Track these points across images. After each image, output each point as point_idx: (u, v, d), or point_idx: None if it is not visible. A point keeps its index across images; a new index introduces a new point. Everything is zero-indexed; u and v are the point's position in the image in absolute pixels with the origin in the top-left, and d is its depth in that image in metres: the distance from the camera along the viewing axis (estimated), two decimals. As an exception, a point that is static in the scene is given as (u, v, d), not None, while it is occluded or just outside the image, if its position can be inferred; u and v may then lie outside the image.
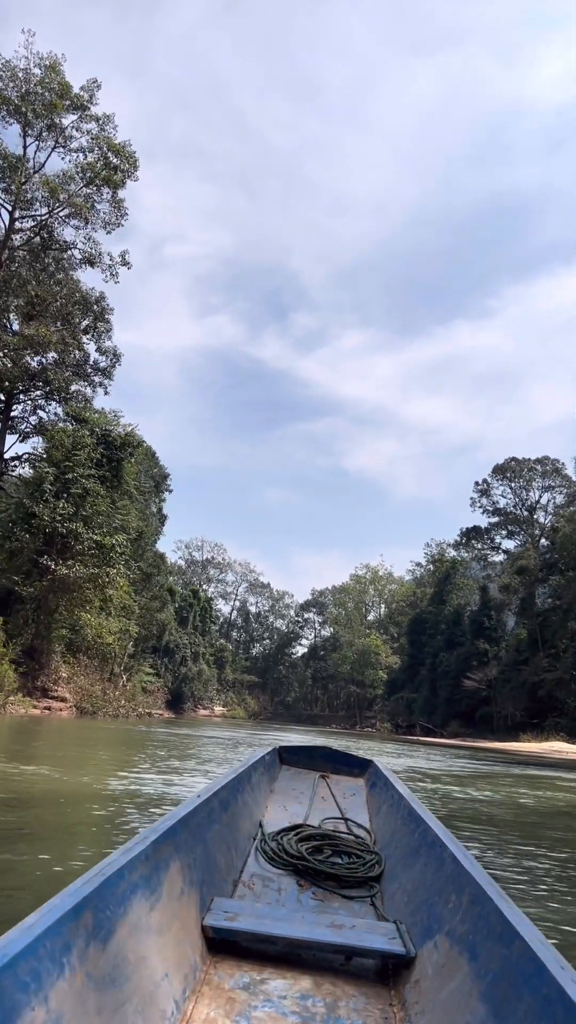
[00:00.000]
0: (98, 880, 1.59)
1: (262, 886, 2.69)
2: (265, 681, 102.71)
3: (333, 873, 2.77)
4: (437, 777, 14.01)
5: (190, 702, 71.97)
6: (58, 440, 26.94)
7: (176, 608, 74.31)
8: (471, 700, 61.01)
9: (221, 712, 79.43)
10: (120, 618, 43.97)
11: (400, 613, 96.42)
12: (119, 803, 6.59)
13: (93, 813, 6.02)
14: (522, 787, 13.67)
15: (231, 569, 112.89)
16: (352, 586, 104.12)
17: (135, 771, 9.65)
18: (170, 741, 17.01)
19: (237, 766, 3.71)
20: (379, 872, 2.86)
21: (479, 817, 8.44)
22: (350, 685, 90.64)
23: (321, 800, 4.14)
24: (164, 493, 73.51)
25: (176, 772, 10.04)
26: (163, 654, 69.10)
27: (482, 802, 10.30)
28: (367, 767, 5.02)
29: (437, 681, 67.85)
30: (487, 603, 65.41)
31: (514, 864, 5.65)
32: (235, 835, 2.95)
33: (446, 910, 2.04)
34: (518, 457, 72.43)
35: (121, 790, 7.52)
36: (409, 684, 76.38)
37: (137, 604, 48.16)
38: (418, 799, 3.30)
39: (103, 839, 5.01)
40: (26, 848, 4.43)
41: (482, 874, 2.01)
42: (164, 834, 2.08)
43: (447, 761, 19.69)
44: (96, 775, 8.53)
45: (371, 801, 4.24)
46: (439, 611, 73.61)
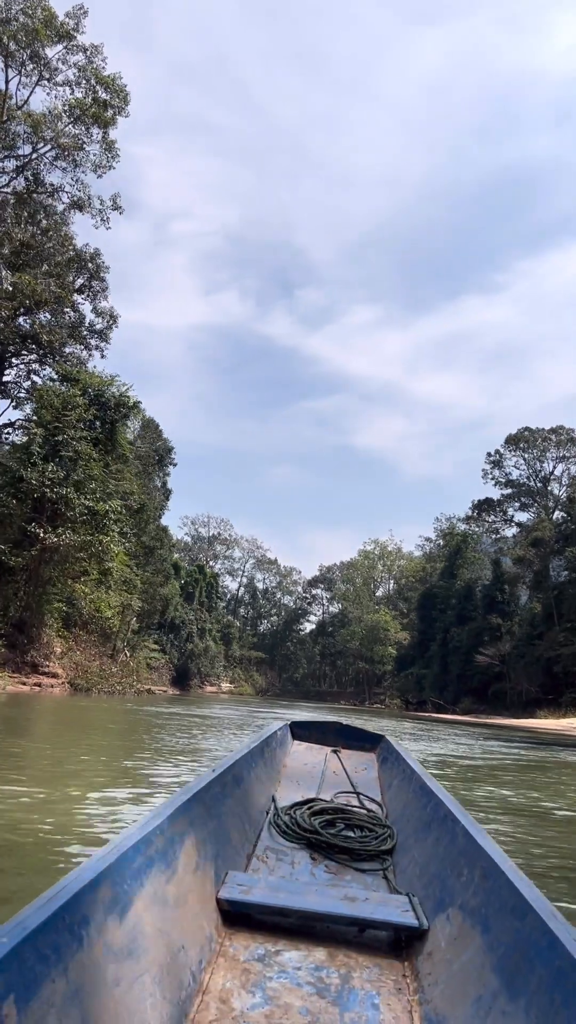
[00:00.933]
0: (114, 855, 1.60)
1: (276, 860, 2.69)
2: (273, 657, 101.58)
3: (346, 847, 2.77)
4: (480, 769, 11.59)
5: (196, 678, 70.75)
6: (47, 400, 25.18)
7: (182, 584, 72.91)
8: (483, 676, 59.51)
9: (228, 689, 78.28)
10: (121, 592, 42.46)
11: (409, 589, 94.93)
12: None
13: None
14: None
15: (238, 545, 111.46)
16: (361, 561, 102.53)
17: (90, 780, 7.86)
18: (160, 724, 15.34)
19: (249, 741, 3.74)
20: (391, 846, 2.86)
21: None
22: (359, 661, 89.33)
23: (333, 775, 4.15)
24: (168, 467, 71.85)
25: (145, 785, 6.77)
26: (168, 630, 67.76)
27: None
28: (378, 742, 5.06)
29: (448, 657, 66.38)
30: (500, 577, 63.68)
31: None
32: (248, 810, 2.96)
33: (458, 883, 2.06)
34: (532, 427, 70.37)
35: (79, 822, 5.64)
36: (419, 660, 74.95)
37: (139, 578, 46.65)
38: (429, 773, 3.32)
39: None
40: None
41: (494, 848, 2.03)
42: (179, 809, 2.10)
43: (476, 744, 17.88)
44: (52, 785, 6.73)
45: (383, 775, 4.29)
46: (450, 586, 71.95)
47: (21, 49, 25.77)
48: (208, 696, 58.76)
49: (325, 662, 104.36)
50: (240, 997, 1.71)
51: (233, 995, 1.72)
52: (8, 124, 25.89)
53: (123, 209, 29.99)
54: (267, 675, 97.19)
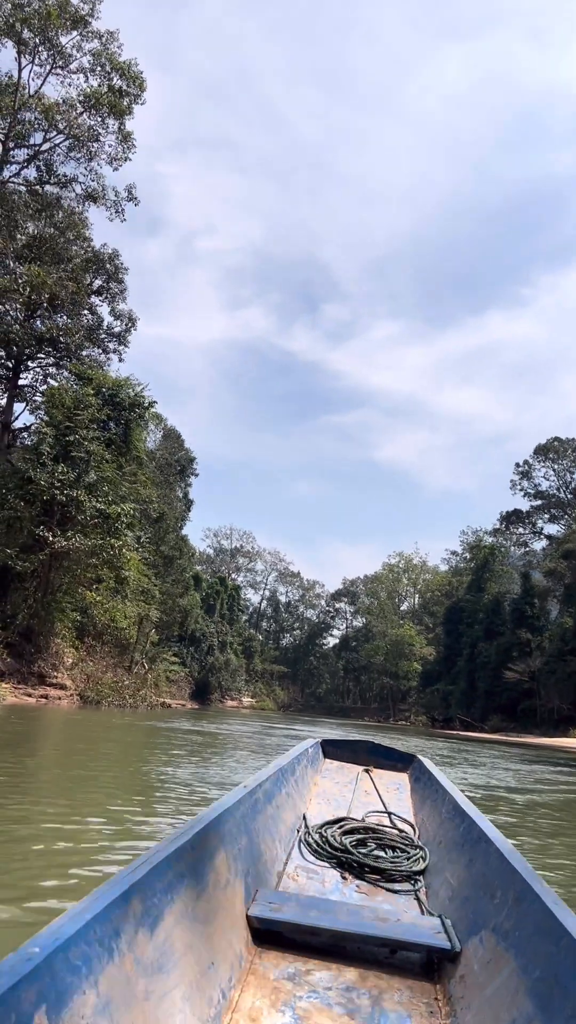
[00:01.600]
0: (145, 868, 1.60)
1: (306, 878, 2.67)
2: (295, 672, 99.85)
3: (377, 866, 2.74)
4: (549, 809, 9.27)
5: (217, 692, 69.36)
6: (58, 399, 24.15)
7: (203, 596, 71.74)
8: (512, 692, 57.47)
9: (249, 703, 76.73)
10: (139, 602, 41.34)
11: (435, 603, 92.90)
12: None
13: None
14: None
15: (260, 558, 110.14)
16: (385, 575, 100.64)
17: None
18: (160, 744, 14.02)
19: (281, 758, 3.68)
20: (423, 866, 2.82)
21: None
22: (383, 677, 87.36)
23: (364, 794, 4.11)
24: (190, 477, 70.93)
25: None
26: (189, 643, 66.55)
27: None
28: (411, 762, 5.01)
29: (475, 673, 64.38)
30: (529, 590, 61.69)
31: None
32: (279, 827, 2.93)
33: (492, 905, 2.04)
34: (561, 437, 68.58)
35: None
36: (445, 676, 72.95)
37: (158, 589, 45.52)
38: (462, 794, 3.28)
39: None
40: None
41: (528, 870, 2.01)
42: (210, 824, 2.09)
43: (522, 769, 16.24)
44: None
45: (415, 795, 4.24)
46: (477, 599, 70.01)
47: (34, 35, 24.99)
48: (228, 711, 57.35)
49: (349, 677, 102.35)
50: (270, 1016, 1.71)
51: (263, 1014, 1.72)
52: (21, 112, 25.05)
53: (138, 200, 29.06)
54: (289, 690, 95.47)
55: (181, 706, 46.11)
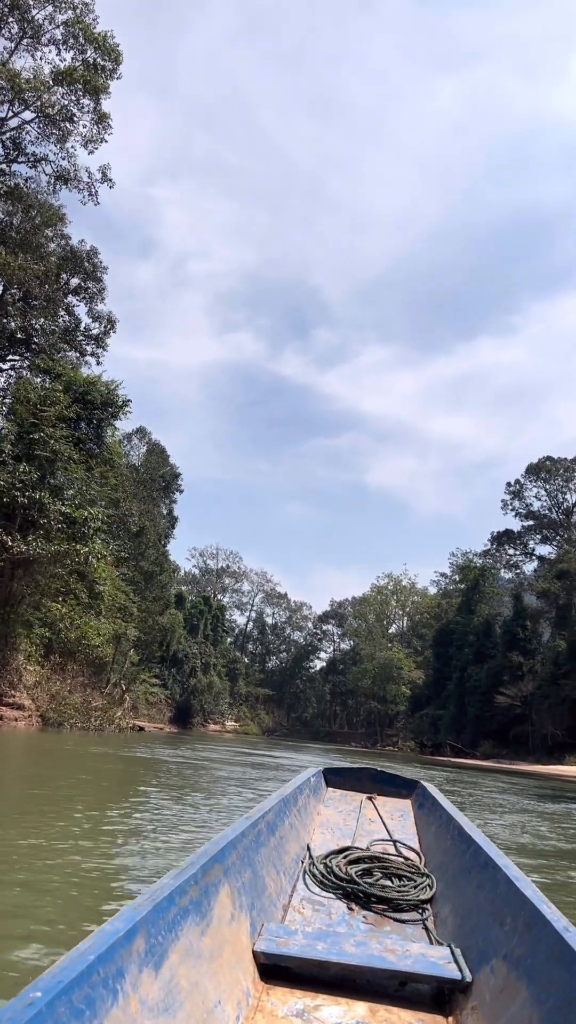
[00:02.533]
0: (148, 905, 1.57)
1: (312, 910, 2.63)
2: (281, 696, 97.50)
3: (384, 896, 2.69)
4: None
5: (199, 716, 67.07)
6: (23, 394, 22.42)
7: (186, 616, 69.71)
8: (504, 718, 55.59)
9: (233, 727, 74.37)
10: (115, 619, 39.35)
11: (424, 625, 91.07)
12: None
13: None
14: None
15: (247, 578, 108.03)
16: (373, 597, 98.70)
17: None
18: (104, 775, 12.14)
19: (283, 788, 3.65)
20: (431, 895, 2.78)
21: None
22: (371, 701, 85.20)
23: (368, 822, 4.07)
24: (175, 494, 69.24)
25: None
26: (171, 664, 64.40)
27: None
28: (414, 788, 4.96)
29: (465, 697, 62.49)
30: (521, 612, 60.02)
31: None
32: (283, 858, 2.90)
33: (502, 933, 2.01)
34: (553, 456, 67.31)
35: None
36: (435, 700, 70.98)
37: (136, 606, 43.54)
38: (467, 819, 3.26)
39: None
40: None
41: (538, 896, 1.98)
42: (213, 857, 2.04)
43: (552, 810, 14.28)
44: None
45: (419, 822, 4.20)
46: (467, 621, 68.27)
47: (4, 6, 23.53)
48: (210, 735, 55.11)
49: (335, 701, 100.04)
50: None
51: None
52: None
53: (113, 182, 27.46)
54: (274, 714, 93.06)
55: (158, 730, 43.95)
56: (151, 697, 54.09)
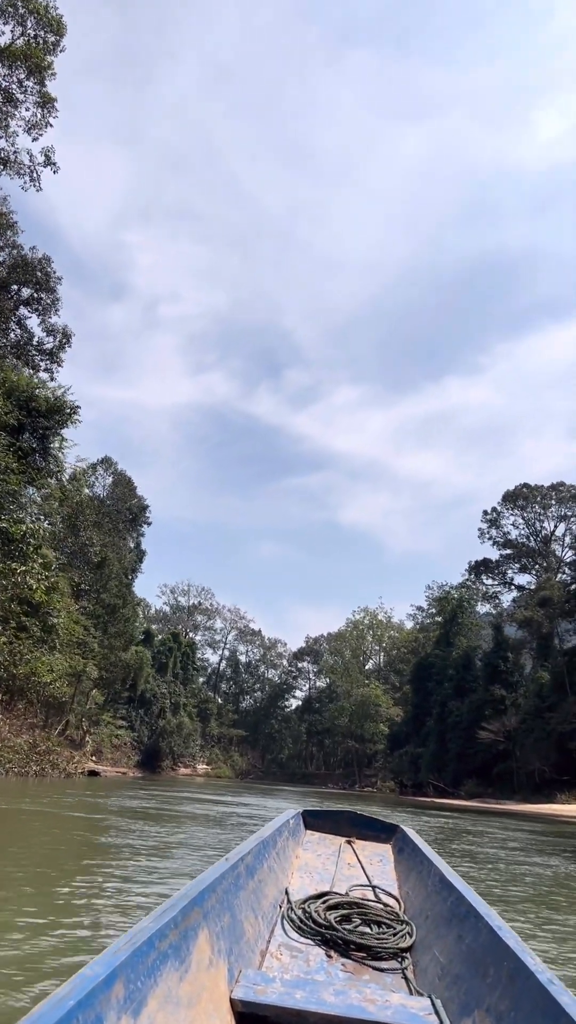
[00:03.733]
0: (128, 949, 1.52)
1: (290, 957, 2.58)
2: (256, 736, 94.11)
3: (363, 943, 2.64)
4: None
5: (168, 759, 63.82)
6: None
7: (154, 653, 66.79)
8: (487, 754, 53.14)
9: (205, 771, 71.02)
10: (74, 655, 36.65)
11: (401, 660, 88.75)
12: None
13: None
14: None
15: (219, 615, 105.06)
16: (349, 632, 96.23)
17: None
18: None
19: (262, 830, 3.54)
20: (411, 943, 2.73)
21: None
22: (348, 740, 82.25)
23: (348, 866, 4.02)
24: (142, 527, 66.89)
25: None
26: (138, 704, 61.33)
27: None
28: (394, 832, 4.94)
29: (446, 733, 59.99)
30: (502, 644, 57.96)
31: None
32: (261, 902, 2.84)
33: (484, 984, 1.98)
34: (531, 484, 65.96)
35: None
36: (414, 737, 68.32)
37: (97, 641, 40.83)
38: (448, 866, 3.23)
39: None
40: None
41: (522, 946, 1.94)
42: (193, 900, 2.00)
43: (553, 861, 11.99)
44: None
45: (399, 867, 4.16)
46: (446, 654, 66.03)
47: None
48: (180, 780, 51.94)
49: (312, 741, 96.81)
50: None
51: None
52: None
53: (57, 167, 25.53)
54: (249, 756, 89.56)
55: (120, 775, 40.92)
56: (115, 740, 50.98)
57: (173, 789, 29.00)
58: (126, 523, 63.23)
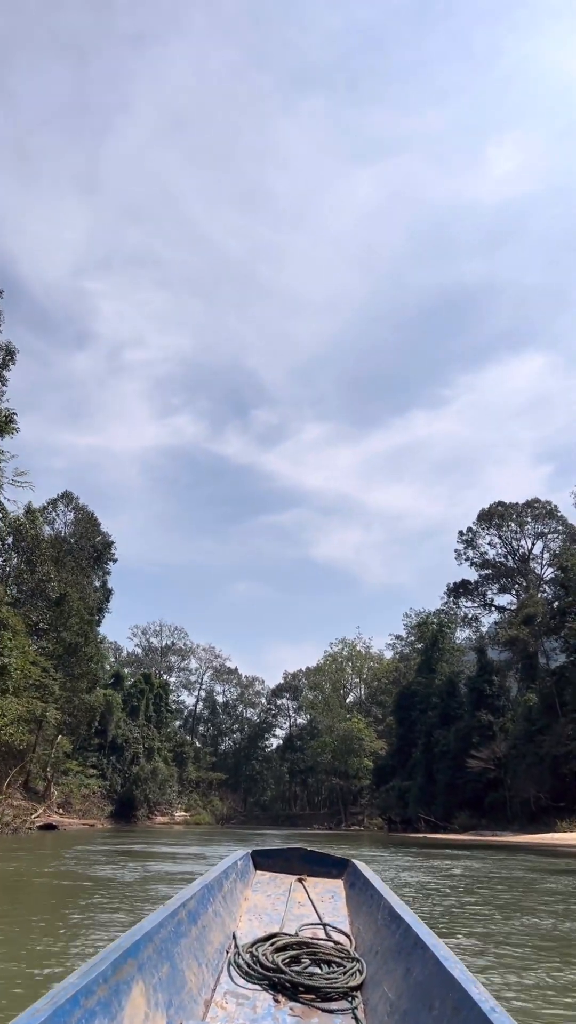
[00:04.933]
0: (48, 1009, 1.42)
1: (236, 1005, 2.47)
2: (236, 779, 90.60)
3: (312, 984, 2.55)
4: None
5: (144, 808, 60.38)
6: None
7: (124, 696, 63.69)
8: (477, 784, 50.62)
9: (183, 818, 67.46)
10: (32, 698, 33.84)
11: (383, 691, 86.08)
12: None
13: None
14: None
15: (194, 654, 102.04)
16: (328, 665, 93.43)
17: None
18: None
19: (208, 873, 3.41)
20: (360, 981, 2.64)
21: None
22: (332, 777, 79.13)
23: (298, 905, 3.87)
24: (108, 564, 64.27)
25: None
26: (109, 751, 58.11)
27: None
28: (345, 867, 4.77)
29: (433, 764, 57.42)
30: (486, 667, 55.82)
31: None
32: (205, 949, 2.71)
33: (431, 1018, 1.94)
34: (505, 501, 64.50)
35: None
36: (400, 771, 65.59)
37: (58, 683, 38.04)
38: (399, 898, 3.13)
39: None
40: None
41: (466, 976, 1.91)
42: (126, 952, 1.90)
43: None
44: None
45: (351, 903, 4.00)
46: (429, 682, 63.68)
47: None
48: (156, 829, 48.65)
49: (295, 781, 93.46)
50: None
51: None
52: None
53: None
54: (229, 800, 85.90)
55: (87, 827, 37.86)
56: (84, 789, 47.76)
57: (135, 840, 26.23)
58: (90, 560, 60.63)
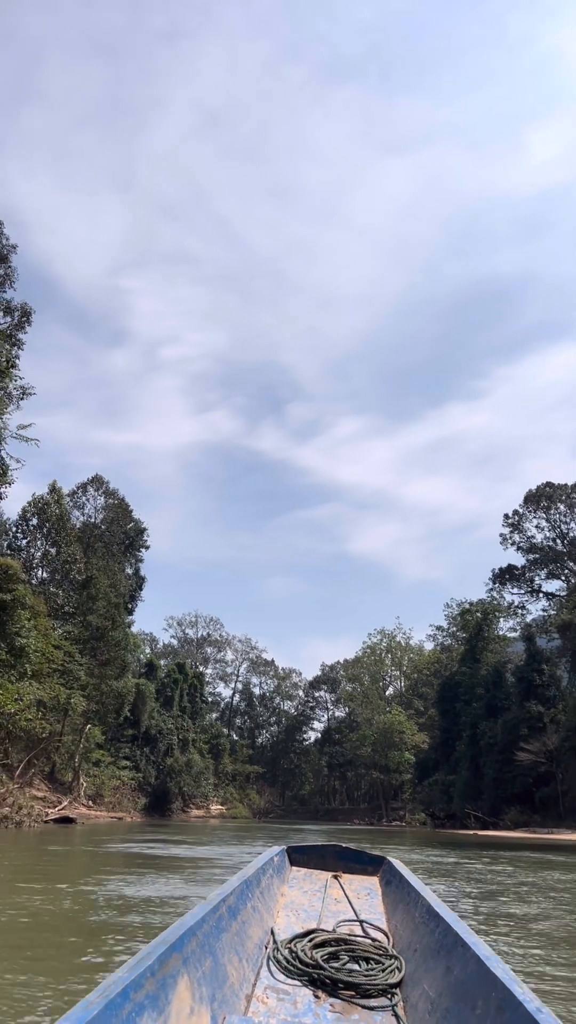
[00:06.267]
0: (100, 1003, 1.45)
1: (276, 1000, 2.48)
2: (274, 772, 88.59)
3: (351, 981, 2.54)
4: None
5: (178, 800, 58.61)
6: None
7: (158, 686, 61.96)
8: (527, 778, 47.91)
9: (219, 811, 65.66)
10: (55, 684, 32.01)
11: (424, 683, 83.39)
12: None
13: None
14: None
15: (230, 646, 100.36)
16: (366, 656, 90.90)
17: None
18: None
19: (245, 869, 3.46)
20: (400, 978, 2.65)
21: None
22: (372, 771, 76.74)
23: (334, 902, 3.90)
24: (140, 551, 62.54)
25: None
26: (143, 742, 56.38)
27: None
28: (381, 864, 4.82)
29: (480, 758, 54.75)
30: (535, 656, 52.95)
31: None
32: (245, 944, 2.74)
33: (473, 1017, 1.92)
34: (553, 482, 61.34)
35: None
36: (444, 764, 62.96)
37: (83, 668, 36.23)
38: (436, 896, 3.13)
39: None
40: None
41: (510, 976, 1.90)
42: (172, 946, 1.92)
43: None
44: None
45: (387, 900, 4.05)
46: (473, 672, 60.95)
47: None
48: (191, 823, 46.76)
49: (334, 775, 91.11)
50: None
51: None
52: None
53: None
54: (267, 793, 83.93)
55: (116, 820, 36.00)
56: (115, 781, 46.03)
57: (158, 838, 24.19)
58: (121, 546, 58.95)
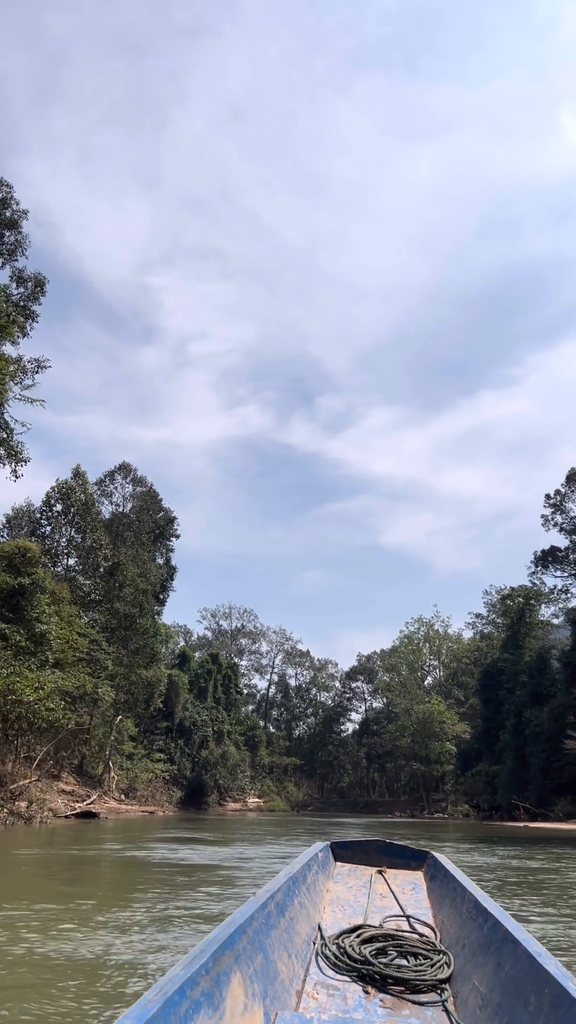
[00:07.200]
0: (159, 1001, 1.47)
1: (327, 996, 2.48)
2: (312, 765, 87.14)
3: (400, 977, 2.53)
4: None
5: (214, 794, 57.34)
6: None
7: (192, 677, 60.67)
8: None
9: (256, 804, 64.32)
10: (81, 673, 30.67)
11: (464, 672, 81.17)
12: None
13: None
14: None
15: (264, 637, 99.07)
16: (403, 646, 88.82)
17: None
18: None
19: (291, 865, 3.47)
20: (449, 973, 2.62)
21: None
22: (412, 763, 74.84)
23: (380, 897, 3.85)
24: (171, 540, 61.25)
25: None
26: (177, 734, 55.18)
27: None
28: (424, 859, 4.79)
29: (525, 747, 52.59)
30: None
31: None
32: (294, 940, 2.76)
33: (526, 1013, 1.91)
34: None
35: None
36: (487, 754, 60.86)
37: (111, 657, 34.92)
38: (482, 891, 3.10)
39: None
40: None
41: (563, 972, 1.89)
42: (224, 944, 1.93)
43: None
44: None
45: (432, 895, 4.00)
46: (516, 658, 58.74)
47: None
48: (227, 817, 45.35)
49: (373, 767, 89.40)
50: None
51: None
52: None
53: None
54: (305, 786, 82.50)
55: (146, 814, 34.64)
56: (148, 774, 44.81)
57: (186, 835, 22.67)
58: (150, 535, 57.71)
